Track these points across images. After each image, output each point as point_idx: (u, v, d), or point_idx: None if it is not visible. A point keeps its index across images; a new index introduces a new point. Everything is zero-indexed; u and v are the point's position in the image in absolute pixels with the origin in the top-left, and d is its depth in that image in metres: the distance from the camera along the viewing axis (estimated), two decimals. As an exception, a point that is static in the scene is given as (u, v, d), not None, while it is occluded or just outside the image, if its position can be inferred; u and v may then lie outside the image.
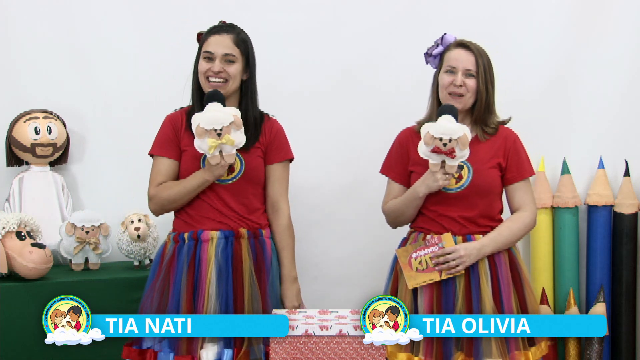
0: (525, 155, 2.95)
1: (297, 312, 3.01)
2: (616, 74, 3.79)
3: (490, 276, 2.84)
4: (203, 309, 2.81)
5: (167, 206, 2.94)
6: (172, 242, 2.93)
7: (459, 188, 2.88)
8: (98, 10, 3.74)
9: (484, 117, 2.91)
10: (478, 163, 2.88)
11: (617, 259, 3.69)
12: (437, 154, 2.79)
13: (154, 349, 2.84)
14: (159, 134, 2.97)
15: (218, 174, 2.84)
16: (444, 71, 2.91)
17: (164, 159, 2.94)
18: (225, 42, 2.90)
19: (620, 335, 3.68)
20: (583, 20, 3.79)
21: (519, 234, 2.91)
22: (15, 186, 3.59)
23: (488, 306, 2.79)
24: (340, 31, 3.82)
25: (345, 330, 2.88)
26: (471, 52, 2.88)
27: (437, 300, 2.85)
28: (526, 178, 2.93)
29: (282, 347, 2.87)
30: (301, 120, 3.81)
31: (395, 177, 3.04)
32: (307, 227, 3.83)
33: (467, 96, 2.88)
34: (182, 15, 3.73)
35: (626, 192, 3.68)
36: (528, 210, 2.92)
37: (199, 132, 2.74)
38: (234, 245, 2.88)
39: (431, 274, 2.83)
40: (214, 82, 2.87)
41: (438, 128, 2.77)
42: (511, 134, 2.95)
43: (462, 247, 2.82)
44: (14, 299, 3.19)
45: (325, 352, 2.88)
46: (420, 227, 2.96)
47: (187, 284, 2.83)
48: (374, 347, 2.87)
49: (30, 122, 3.57)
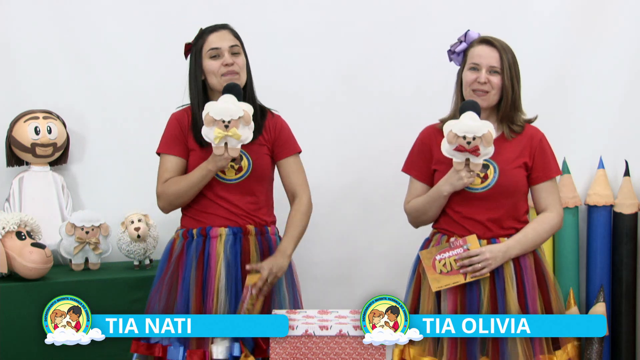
0: (551, 154, 2.88)
1: (297, 312, 3.01)
2: (616, 74, 3.78)
3: (515, 279, 2.79)
4: (213, 305, 2.83)
5: (175, 202, 2.94)
6: (181, 238, 2.94)
7: (484, 188, 2.81)
8: (98, 11, 3.74)
9: (510, 114, 2.84)
10: (504, 162, 2.82)
11: (617, 259, 3.69)
12: (461, 152, 2.72)
13: (162, 343, 2.86)
14: (166, 133, 2.99)
15: (221, 166, 2.83)
16: (468, 68, 2.85)
17: (170, 157, 2.95)
18: (227, 36, 2.93)
19: (620, 335, 3.68)
20: (583, 20, 3.79)
21: (545, 236, 2.84)
22: (15, 186, 3.59)
23: (513, 310, 2.73)
24: (341, 31, 3.82)
25: (345, 330, 2.88)
26: (495, 49, 2.81)
27: (461, 304, 2.79)
28: (552, 178, 2.86)
29: (282, 347, 2.87)
30: (301, 120, 3.79)
31: (417, 176, 2.97)
32: (308, 227, 3.83)
33: (491, 93, 2.81)
34: (182, 15, 3.73)
35: (626, 192, 3.68)
36: (554, 211, 2.86)
37: (207, 120, 2.75)
38: (242, 241, 2.91)
39: (455, 276, 2.77)
40: (230, 77, 2.89)
41: (461, 126, 2.71)
42: (537, 133, 2.88)
43: (488, 249, 2.76)
44: (14, 299, 3.19)
45: (325, 352, 2.88)
46: (443, 229, 2.90)
47: (197, 280, 2.86)
48: (374, 347, 2.87)
49: (30, 122, 3.57)
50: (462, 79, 2.88)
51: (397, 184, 3.84)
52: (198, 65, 2.93)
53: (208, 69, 2.91)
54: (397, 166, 3.84)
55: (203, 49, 2.92)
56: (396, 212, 3.84)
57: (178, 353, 2.81)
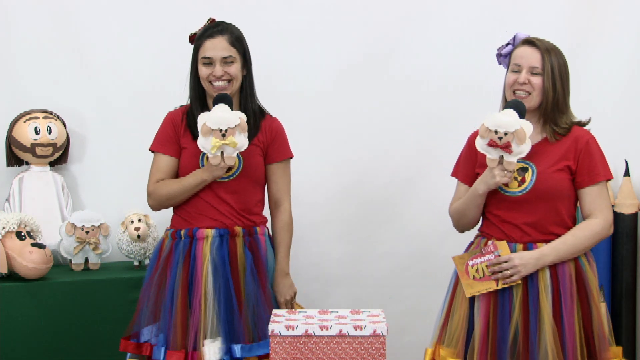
0: (599, 157, 2.76)
1: (297, 312, 3.01)
2: (616, 74, 3.78)
3: (551, 288, 2.69)
4: (200, 306, 2.83)
5: (165, 203, 2.98)
6: (170, 239, 2.96)
7: (521, 192, 2.73)
8: (98, 10, 3.74)
9: (553, 116, 2.75)
10: (543, 165, 2.73)
11: (617, 259, 3.69)
12: (494, 147, 2.66)
13: (151, 342, 2.88)
14: (160, 131, 3.01)
15: (217, 175, 2.87)
16: (510, 70, 2.79)
17: (163, 156, 2.98)
18: (222, 44, 2.92)
19: (620, 335, 3.68)
20: (582, 20, 3.79)
21: (587, 243, 2.72)
22: (15, 186, 3.59)
23: (546, 320, 2.65)
24: (342, 31, 3.82)
25: (345, 330, 2.88)
26: (537, 49, 2.74)
27: (493, 311, 2.73)
28: (599, 182, 2.74)
29: (282, 347, 2.87)
30: (301, 120, 3.81)
31: (462, 179, 2.90)
32: (307, 227, 3.83)
33: (533, 94, 2.73)
34: (182, 15, 3.73)
35: (626, 192, 3.67)
36: (599, 217, 2.73)
37: (204, 130, 2.78)
38: (229, 243, 2.92)
39: (488, 282, 2.71)
40: (219, 85, 2.91)
41: (494, 120, 2.65)
42: (584, 135, 2.77)
43: (517, 256, 2.68)
44: (14, 299, 3.19)
45: (325, 352, 2.88)
46: (484, 232, 2.83)
47: (182, 281, 2.87)
48: (374, 347, 2.87)
49: (30, 122, 3.57)
50: (505, 81, 2.82)
51: (397, 184, 3.87)
52: (195, 66, 2.96)
53: (200, 73, 2.93)
54: (397, 166, 3.86)
55: (199, 54, 2.94)
56: (396, 212, 3.86)
57: (160, 353, 2.83)
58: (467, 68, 3.77)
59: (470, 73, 3.77)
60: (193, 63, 2.96)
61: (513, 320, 2.69)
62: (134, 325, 2.92)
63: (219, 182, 2.92)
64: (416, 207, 3.82)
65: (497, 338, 2.70)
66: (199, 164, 2.93)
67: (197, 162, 2.93)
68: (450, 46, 3.80)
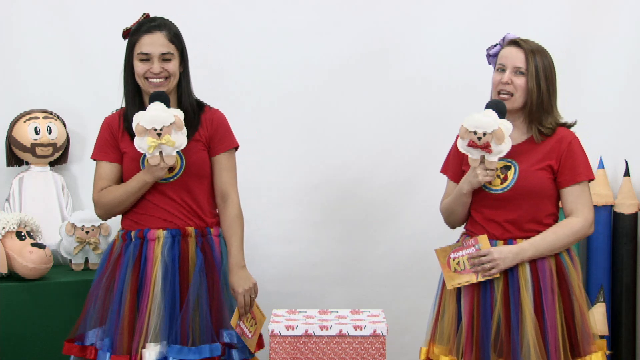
0: (582, 158, 2.81)
1: (297, 312, 3.01)
2: (616, 74, 3.78)
3: (532, 284, 2.73)
4: (147, 309, 2.75)
5: (112, 210, 2.89)
6: (120, 240, 2.87)
7: (503, 189, 2.77)
8: (98, 10, 3.74)
9: (538, 116, 2.79)
10: (526, 164, 2.77)
11: (617, 259, 3.69)
12: (474, 148, 2.71)
13: (96, 346, 2.80)
14: (98, 138, 2.92)
15: (158, 176, 2.77)
16: (496, 70, 2.83)
17: (104, 163, 2.89)
18: (160, 40, 2.83)
19: (620, 335, 3.68)
20: (582, 19, 3.79)
21: (566, 241, 2.76)
22: (15, 186, 3.59)
23: (528, 315, 2.69)
24: (342, 31, 3.82)
25: (345, 330, 2.88)
26: (521, 49, 2.77)
27: (477, 306, 2.77)
28: (580, 182, 2.79)
29: (282, 347, 2.87)
30: (301, 120, 3.81)
31: (451, 176, 2.95)
32: (307, 227, 3.83)
33: (515, 95, 2.77)
34: (182, 15, 3.72)
35: (626, 192, 3.67)
36: (580, 216, 2.78)
37: (138, 130, 2.70)
38: (180, 244, 2.83)
39: (469, 275, 2.77)
40: (155, 81, 2.82)
41: (472, 121, 2.69)
42: (567, 136, 2.81)
43: (496, 250, 2.73)
44: (14, 299, 3.19)
45: (325, 352, 2.88)
46: (469, 230, 2.88)
47: (131, 283, 2.78)
48: (374, 347, 2.87)
49: (30, 122, 3.57)
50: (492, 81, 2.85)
51: (397, 184, 3.86)
52: (130, 62, 2.86)
53: (135, 69, 2.83)
54: (397, 166, 3.86)
55: (135, 49, 2.83)
56: (396, 212, 3.86)
57: (105, 358, 2.76)
58: (467, 68, 3.76)
59: (470, 73, 3.76)
60: (128, 59, 2.85)
61: (495, 315, 2.73)
62: (79, 327, 2.83)
63: (163, 182, 2.82)
64: (416, 207, 3.81)
65: (480, 332, 2.74)
66: (140, 167, 2.83)
67: (138, 166, 2.84)
68: (450, 45, 3.80)
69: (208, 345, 2.75)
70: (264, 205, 3.80)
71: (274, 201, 3.82)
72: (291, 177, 3.83)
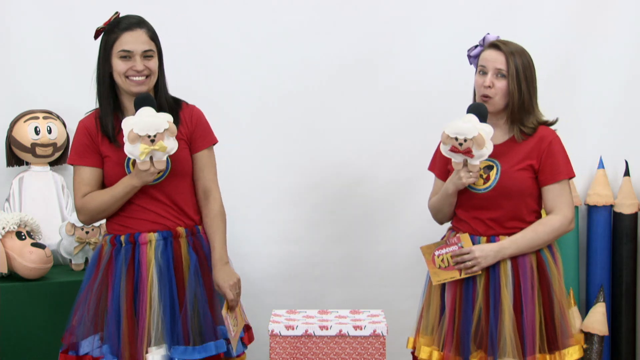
0: (562, 157, 2.87)
1: (297, 312, 3.01)
2: (616, 74, 3.78)
3: (512, 279, 2.83)
4: (146, 313, 2.72)
5: (97, 216, 2.83)
6: (109, 245, 2.81)
7: (486, 189, 2.86)
8: (98, 10, 3.73)
9: (520, 117, 2.85)
10: (507, 164, 2.85)
11: (617, 259, 3.69)
12: (456, 153, 2.77)
13: (92, 355, 2.75)
14: (75, 142, 2.85)
15: (147, 180, 2.73)
16: (477, 72, 2.90)
17: (85, 168, 2.81)
18: (142, 37, 2.78)
19: (620, 335, 3.68)
20: (583, 20, 3.79)
21: (546, 238, 2.85)
22: (15, 186, 3.59)
23: (506, 309, 2.79)
24: (342, 30, 3.81)
25: (345, 330, 2.88)
26: (501, 52, 2.83)
27: (459, 297, 2.87)
28: (560, 180, 2.86)
29: (282, 347, 2.87)
30: (301, 120, 3.81)
31: (438, 174, 3.03)
32: (307, 227, 3.83)
33: (496, 98, 2.84)
34: (182, 16, 3.73)
35: (626, 192, 3.68)
36: (559, 214, 2.85)
37: (131, 137, 2.64)
38: (173, 245, 2.80)
39: (452, 272, 2.87)
40: (137, 79, 2.76)
41: (453, 128, 2.75)
42: (548, 135, 2.88)
43: (478, 248, 2.82)
44: (14, 299, 3.19)
45: (325, 352, 2.88)
46: (454, 226, 2.97)
47: (127, 289, 2.74)
48: (374, 347, 2.87)
49: (30, 122, 3.57)
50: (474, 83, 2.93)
51: (397, 183, 3.86)
52: (107, 61, 2.78)
53: (115, 68, 2.77)
54: (397, 166, 3.86)
55: (114, 47, 2.77)
56: (396, 212, 3.86)
57: None
58: (467, 67, 3.75)
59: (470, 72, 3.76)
60: (103, 58, 2.78)
61: (476, 309, 2.82)
62: (70, 336, 2.79)
63: (150, 184, 2.77)
64: (416, 207, 3.81)
65: (461, 324, 2.84)
66: (125, 171, 2.78)
67: (122, 170, 2.78)
68: (451, 45, 3.80)
69: (213, 342, 2.76)
70: (264, 205, 3.80)
71: (274, 201, 3.82)
72: (291, 177, 3.82)
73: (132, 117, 2.68)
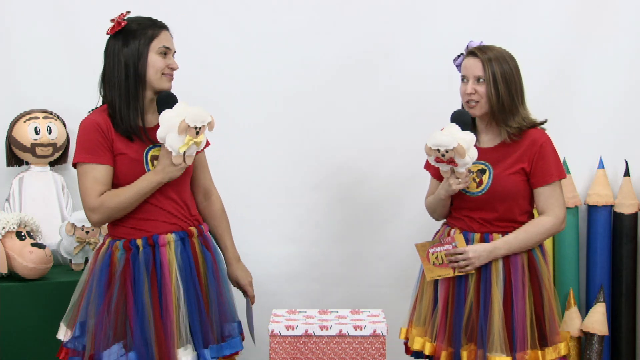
0: (553, 159, 2.93)
1: (297, 312, 3.01)
2: (616, 74, 3.78)
3: (503, 277, 2.90)
4: (173, 315, 2.69)
5: (115, 215, 2.72)
6: (122, 250, 2.73)
7: (479, 193, 2.93)
8: (98, 10, 3.73)
9: (503, 119, 2.90)
10: (499, 168, 2.92)
11: (617, 259, 3.69)
12: (441, 163, 2.85)
13: None
14: (85, 141, 2.74)
15: (174, 176, 2.69)
16: (461, 80, 2.97)
17: (99, 166, 2.70)
18: (171, 38, 2.81)
19: (620, 335, 3.68)
20: (583, 20, 3.79)
21: (537, 238, 2.92)
22: (15, 186, 3.59)
23: (496, 305, 2.86)
24: (341, 30, 3.81)
25: (345, 330, 2.89)
26: (478, 59, 2.90)
27: (451, 294, 2.95)
28: (551, 182, 2.92)
29: (282, 347, 2.88)
30: (301, 120, 3.81)
31: (433, 174, 3.11)
32: (307, 227, 3.83)
33: (481, 102, 2.90)
34: (182, 15, 3.73)
35: (626, 192, 3.68)
36: (551, 215, 2.92)
37: (182, 127, 2.58)
38: (189, 245, 2.79)
39: (446, 269, 2.94)
40: (170, 77, 2.76)
41: (433, 141, 2.83)
42: (539, 138, 2.93)
43: (471, 249, 2.89)
44: (14, 299, 3.19)
45: (325, 352, 2.88)
46: (449, 222, 3.06)
47: (152, 292, 2.70)
48: (374, 347, 2.87)
49: (30, 122, 3.57)
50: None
51: (397, 184, 3.86)
52: (142, 57, 2.72)
53: (153, 63, 2.72)
54: (397, 166, 3.86)
55: (154, 42, 2.73)
56: (396, 212, 3.86)
57: None
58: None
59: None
60: (139, 54, 2.71)
61: (467, 303, 2.90)
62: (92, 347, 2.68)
63: (167, 183, 2.72)
64: (416, 207, 3.80)
65: (453, 317, 2.93)
66: (144, 168, 2.72)
67: (141, 167, 2.72)
68: (452, 43, 3.79)
69: (238, 338, 2.84)
70: (264, 205, 3.80)
71: (274, 201, 3.82)
72: (291, 177, 3.83)
73: (175, 108, 2.63)
